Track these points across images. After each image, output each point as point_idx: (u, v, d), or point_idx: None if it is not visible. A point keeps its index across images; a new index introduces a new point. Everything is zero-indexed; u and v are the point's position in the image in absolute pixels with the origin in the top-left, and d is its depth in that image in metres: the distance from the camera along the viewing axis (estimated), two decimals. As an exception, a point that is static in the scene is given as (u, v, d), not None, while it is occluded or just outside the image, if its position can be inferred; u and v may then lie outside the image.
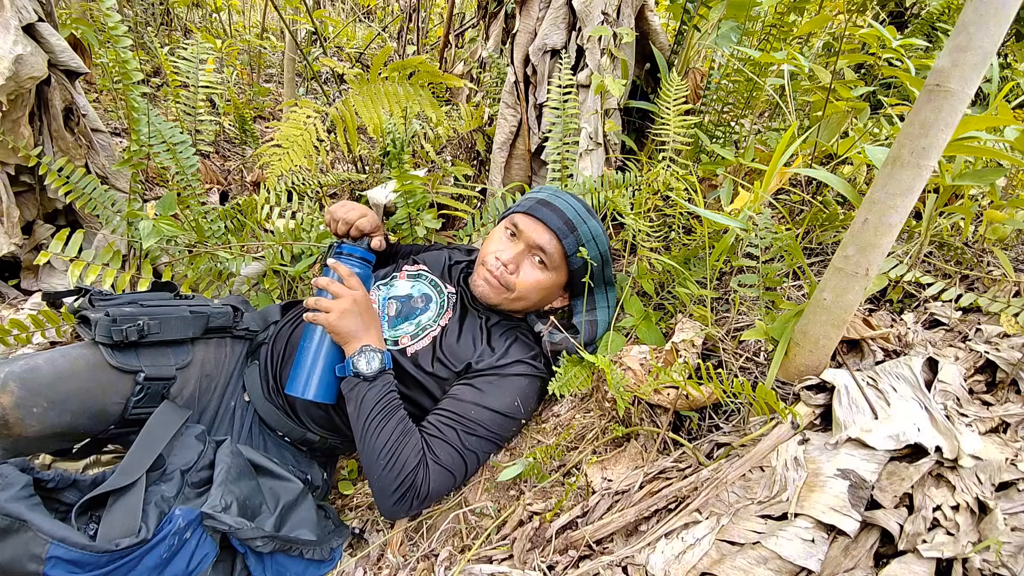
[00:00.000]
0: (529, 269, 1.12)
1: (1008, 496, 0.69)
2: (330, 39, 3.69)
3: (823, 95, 1.31)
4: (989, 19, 0.66)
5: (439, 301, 1.18)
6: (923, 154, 0.72)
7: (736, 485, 0.77)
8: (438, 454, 0.97)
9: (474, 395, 1.03)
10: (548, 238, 1.10)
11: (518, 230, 1.12)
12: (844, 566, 0.65)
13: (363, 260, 1.16)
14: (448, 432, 0.99)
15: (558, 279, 1.15)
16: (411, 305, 1.17)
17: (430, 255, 1.31)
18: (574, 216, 1.11)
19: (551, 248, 1.10)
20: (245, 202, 1.62)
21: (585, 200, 1.21)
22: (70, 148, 1.64)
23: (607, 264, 1.17)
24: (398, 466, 0.93)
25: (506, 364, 1.07)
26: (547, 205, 1.11)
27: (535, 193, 1.17)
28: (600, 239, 1.13)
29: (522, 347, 1.12)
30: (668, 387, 0.94)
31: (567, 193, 1.17)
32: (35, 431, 0.86)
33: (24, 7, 1.45)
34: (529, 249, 1.12)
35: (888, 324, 1.02)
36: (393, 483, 0.92)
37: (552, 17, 1.52)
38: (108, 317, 0.97)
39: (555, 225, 1.09)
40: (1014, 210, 1.08)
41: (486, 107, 2.00)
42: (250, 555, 0.87)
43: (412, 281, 1.22)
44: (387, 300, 1.19)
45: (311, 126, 1.62)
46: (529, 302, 1.15)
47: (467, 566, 0.81)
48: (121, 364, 0.96)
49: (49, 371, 0.90)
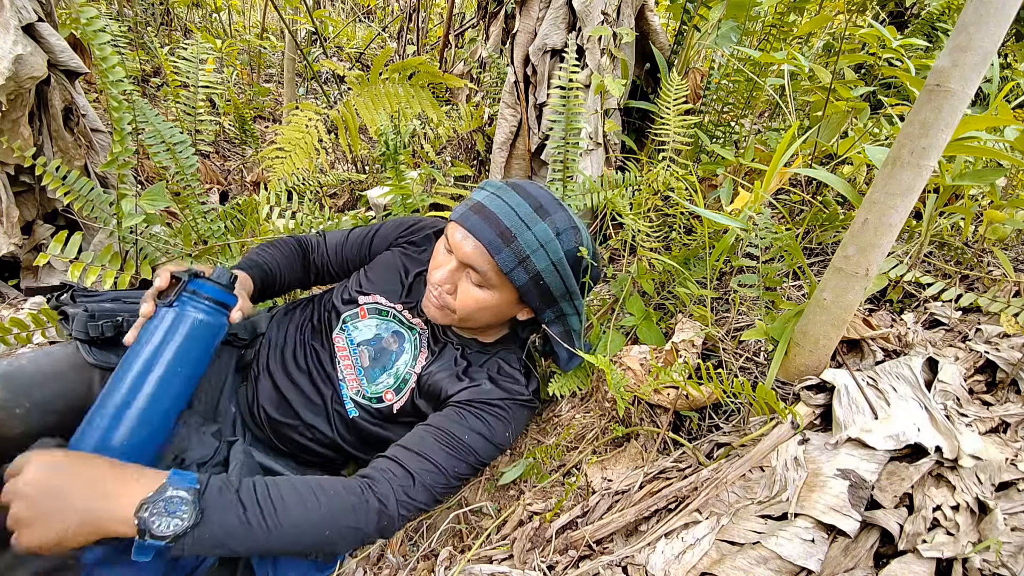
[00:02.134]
0: (466, 288, 0.94)
1: (1008, 496, 0.69)
2: (330, 39, 3.69)
3: (823, 95, 1.31)
4: (989, 19, 0.66)
5: (411, 339, 1.06)
6: (923, 154, 0.72)
7: (736, 485, 0.77)
8: (419, 474, 0.86)
9: (472, 423, 0.94)
10: (477, 254, 0.90)
11: (449, 243, 0.94)
12: (844, 566, 0.65)
13: (216, 304, 0.86)
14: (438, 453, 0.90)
15: (505, 296, 0.96)
16: (384, 348, 1.05)
17: (385, 267, 1.12)
18: (514, 223, 0.89)
19: (482, 266, 0.91)
20: (245, 202, 1.62)
21: (548, 191, 0.97)
22: (69, 148, 1.64)
23: (566, 275, 0.94)
24: (355, 529, 0.79)
25: (496, 399, 0.97)
26: (480, 211, 0.91)
27: (476, 192, 0.96)
28: (550, 246, 0.91)
29: (506, 380, 1.01)
30: (668, 387, 0.94)
31: (516, 188, 0.95)
32: (19, 432, 0.85)
33: (24, 7, 1.45)
34: (462, 266, 0.93)
35: (888, 324, 1.02)
36: (359, 535, 0.80)
37: (552, 17, 1.52)
38: (86, 312, 0.94)
39: (485, 238, 0.89)
40: (1014, 210, 1.08)
41: (486, 107, 2.00)
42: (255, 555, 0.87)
43: (376, 318, 1.07)
44: (358, 349, 1.05)
45: (313, 129, 1.62)
46: (479, 323, 1.00)
47: (467, 566, 0.81)
48: (99, 361, 0.93)
49: (33, 371, 0.88)
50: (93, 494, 0.66)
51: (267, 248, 1.16)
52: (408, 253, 1.15)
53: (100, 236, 1.68)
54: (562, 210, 0.95)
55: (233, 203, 1.64)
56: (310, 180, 2.07)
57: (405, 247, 1.16)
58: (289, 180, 1.93)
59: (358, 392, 1.03)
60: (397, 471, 0.86)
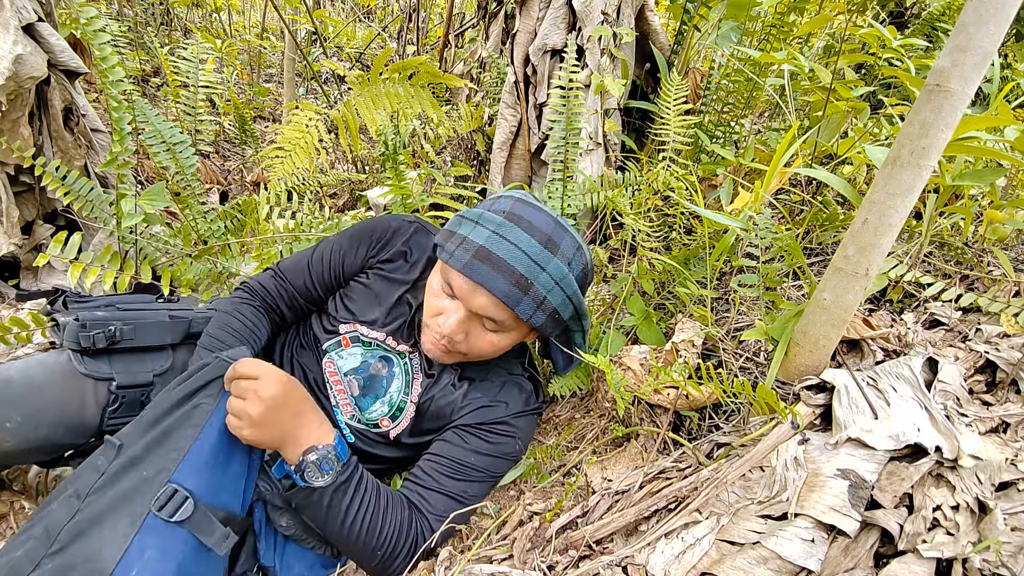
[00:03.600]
0: (480, 335, 0.90)
1: (1008, 496, 0.69)
2: (330, 39, 3.69)
3: (823, 95, 1.31)
4: (989, 19, 0.66)
5: (402, 365, 1.00)
6: (923, 154, 0.72)
7: (736, 485, 0.77)
8: (437, 507, 0.88)
9: (475, 444, 0.94)
10: (492, 307, 0.84)
11: (454, 292, 0.87)
12: (844, 566, 0.65)
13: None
14: (447, 482, 0.91)
15: (521, 333, 0.93)
16: (373, 375, 1.01)
17: (363, 295, 1.03)
18: (528, 268, 0.82)
19: (499, 316, 0.86)
20: (245, 202, 1.62)
21: (548, 213, 0.88)
22: (69, 148, 1.64)
23: (579, 302, 0.90)
24: (400, 550, 0.84)
25: (502, 416, 0.96)
26: (487, 259, 0.82)
27: (471, 231, 0.85)
28: (565, 281, 0.86)
29: (512, 391, 0.99)
30: (668, 387, 0.94)
31: (519, 222, 0.85)
32: (10, 446, 0.84)
33: (24, 7, 1.45)
34: (473, 315, 0.88)
35: (888, 324, 1.02)
36: (400, 562, 0.84)
37: (552, 17, 1.52)
38: (77, 322, 0.93)
39: (501, 291, 0.82)
40: (1014, 210, 1.08)
41: (486, 107, 2.00)
42: (263, 538, 0.86)
43: (360, 348, 1.01)
44: (346, 378, 1.01)
45: (313, 129, 1.62)
46: (491, 357, 0.96)
47: (467, 566, 0.81)
48: (91, 371, 0.92)
49: (22, 382, 0.87)
50: (298, 422, 0.78)
51: (231, 323, 1.01)
52: (384, 274, 1.04)
53: (100, 236, 1.68)
54: (567, 234, 0.88)
55: (233, 203, 1.64)
56: (310, 180, 2.07)
57: (379, 268, 1.05)
58: (289, 180, 1.94)
59: (353, 417, 1.01)
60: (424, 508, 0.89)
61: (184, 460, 0.72)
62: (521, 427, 0.98)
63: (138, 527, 0.66)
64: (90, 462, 0.73)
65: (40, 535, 0.66)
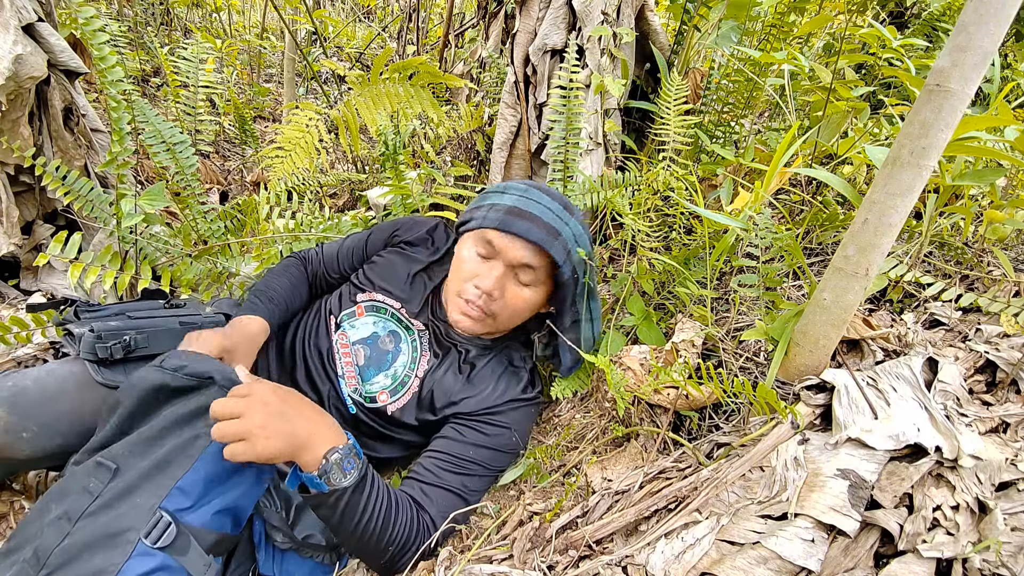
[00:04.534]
0: (514, 290, 0.99)
1: (1008, 496, 0.69)
2: (330, 39, 3.69)
3: (823, 95, 1.31)
4: (989, 19, 0.66)
5: (410, 341, 1.06)
6: (923, 154, 0.72)
7: (736, 485, 0.77)
8: (439, 502, 0.90)
9: (472, 436, 0.97)
10: (530, 253, 0.96)
11: (493, 249, 0.97)
12: (844, 566, 0.65)
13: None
14: (448, 477, 0.93)
15: (544, 294, 1.03)
16: (380, 348, 1.05)
17: (383, 266, 1.14)
18: (554, 220, 0.96)
19: (538, 263, 0.97)
20: (245, 202, 1.62)
21: (555, 191, 1.04)
22: (69, 148, 1.64)
23: (592, 275, 1.03)
24: (407, 548, 0.85)
25: (498, 405, 1.00)
26: (521, 215, 0.95)
27: (499, 199, 0.99)
28: (582, 239, 1.00)
29: (511, 380, 1.04)
30: (668, 387, 0.94)
31: (539, 188, 1.02)
32: (27, 455, 0.85)
33: (24, 7, 1.45)
34: (511, 268, 0.98)
35: (888, 324, 1.02)
36: (408, 557, 0.85)
37: (552, 17, 1.52)
38: (93, 333, 0.94)
39: (537, 236, 0.94)
40: (1014, 210, 1.08)
41: (486, 107, 2.00)
42: (262, 549, 0.87)
43: (373, 316, 1.08)
44: (354, 347, 1.05)
45: (313, 129, 1.62)
46: (513, 325, 1.06)
47: (467, 566, 0.81)
48: (108, 380, 0.93)
49: (37, 392, 0.88)
50: (307, 429, 0.76)
51: (280, 277, 1.16)
52: (406, 253, 1.15)
53: (100, 236, 1.68)
54: (577, 210, 1.03)
55: (233, 203, 1.64)
56: (310, 180, 2.07)
57: (402, 248, 1.17)
58: (289, 180, 1.94)
59: (355, 390, 1.04)
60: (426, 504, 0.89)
61: (176, 488, 0.71)
62: (517, 419, 1.01)
63: (129, 554, 0.65)
64: (80, 483, 0.71)
65: (30, 558, 0.65)
